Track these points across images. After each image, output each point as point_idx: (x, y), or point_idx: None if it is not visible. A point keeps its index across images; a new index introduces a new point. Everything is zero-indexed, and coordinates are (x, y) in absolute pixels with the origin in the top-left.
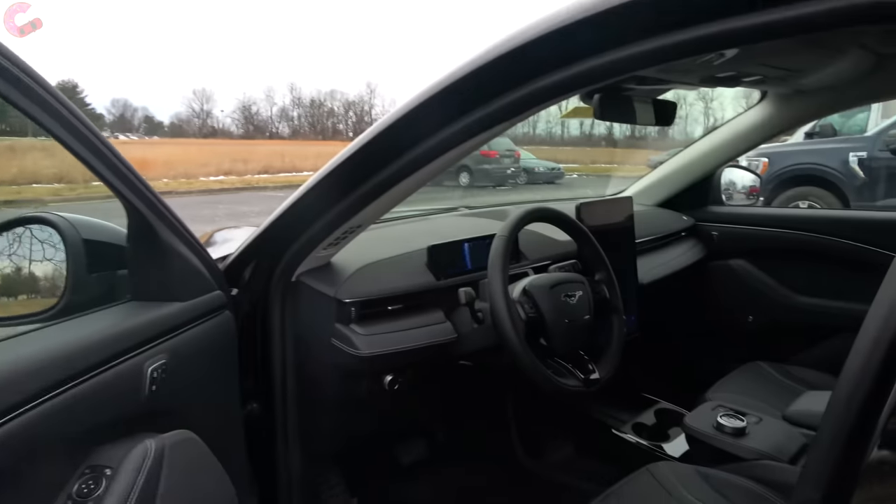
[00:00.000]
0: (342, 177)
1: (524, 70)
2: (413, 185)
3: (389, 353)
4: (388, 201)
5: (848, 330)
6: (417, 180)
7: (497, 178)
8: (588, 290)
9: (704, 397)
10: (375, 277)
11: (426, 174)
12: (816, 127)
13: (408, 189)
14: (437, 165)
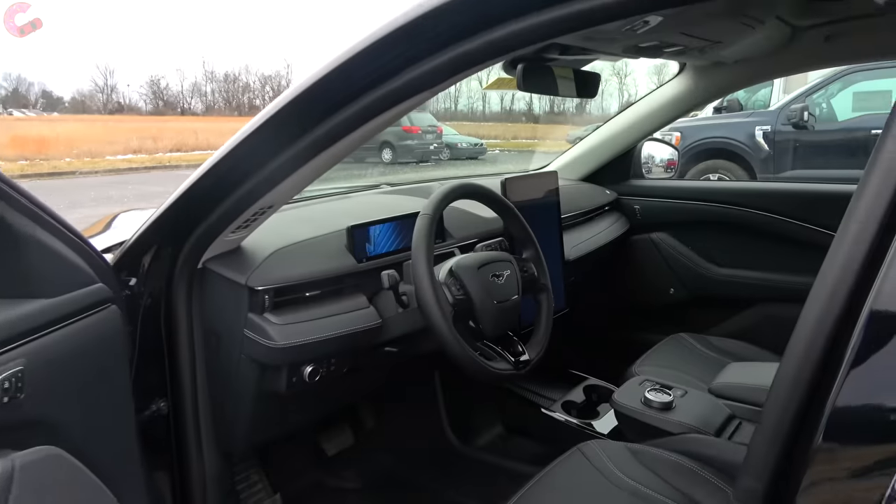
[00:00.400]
0: (249, 153)
1: (442, 35)
2: (328, 161)
3: (309, 342)
4: (301, 179)
5: (764, 300)
6: (333, 155)
7: (420, 153)
8: (516, 269)
9: (631, 371)
10: (291, 262)
11: (342, 149)
12: (724, 102)
13: (323, 165)
14: (355, 139)
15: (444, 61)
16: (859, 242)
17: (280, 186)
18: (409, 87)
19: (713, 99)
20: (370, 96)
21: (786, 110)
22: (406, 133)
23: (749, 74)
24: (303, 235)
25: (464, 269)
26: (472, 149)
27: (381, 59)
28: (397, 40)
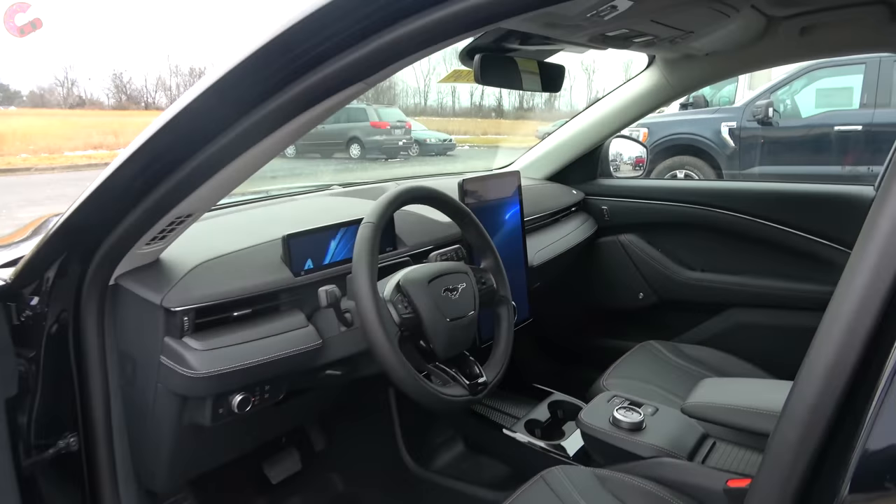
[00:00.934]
0: (158, 154)
1: (381, 13)
2: (253, 163)
3: (237, 369)
4: (223, 184)
5: (735, 305)
6: (258, 157)
7: (389, 149)
8: (472, 281)
9: (599, 385)
10: (216, 277)
11: (268, 149)
12: (690, 98)
13: (247, 168)
14: (282, 137)
15: (382, 44)
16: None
17: (198, 192)
18: (340, 77)
19: (684, 94)
20: (295, 88)
21: (751, 107)
22: (374, 129)
23: (721, 68)
24: (232, 246)
25: (412, 283)
26: (442, 144)
27: (306, 44)
28: (324, 23)
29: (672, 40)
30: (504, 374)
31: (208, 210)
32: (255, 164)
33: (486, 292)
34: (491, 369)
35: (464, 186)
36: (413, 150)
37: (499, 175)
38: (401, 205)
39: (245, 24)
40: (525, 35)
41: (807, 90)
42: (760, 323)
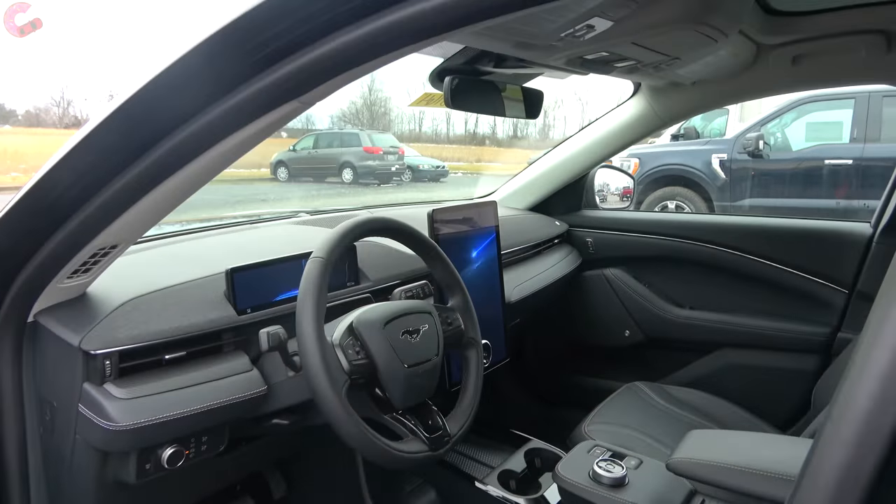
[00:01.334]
0: (71, 181)
1: (320, 19)
2: (183, 189)
3: (165, 420)
4: (148, 212)
5: (726, 345)
6: (190, 179)
7: (381, 175)
8: (437, 322)
9: (581, 432)
10: (146, 315)
11: (201, 171)
12: (681, 129)
13: (175, 195)
14: (213, 159)
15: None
16: None
17: (121, 221)
18: (271, 94)
19: (671, 123)
20: (221, 106)
21: (741, 139)
22: (367, 154)
23: (709, 97)
24: (171, 280)
25: (366, 325)
26: (435, 171)
27: (233, 55)
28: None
29: (657, 66)
30: (471, 425)
31: (135, 241)
32: (185, 191)
33: (452, 333)
34: (455, 420)
35: (434, 217)
36: (406, 176)
37: (473, 205)
38: (356, 238)
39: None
40: (499, 57)
41: (797, 123)
42: (752, 364)
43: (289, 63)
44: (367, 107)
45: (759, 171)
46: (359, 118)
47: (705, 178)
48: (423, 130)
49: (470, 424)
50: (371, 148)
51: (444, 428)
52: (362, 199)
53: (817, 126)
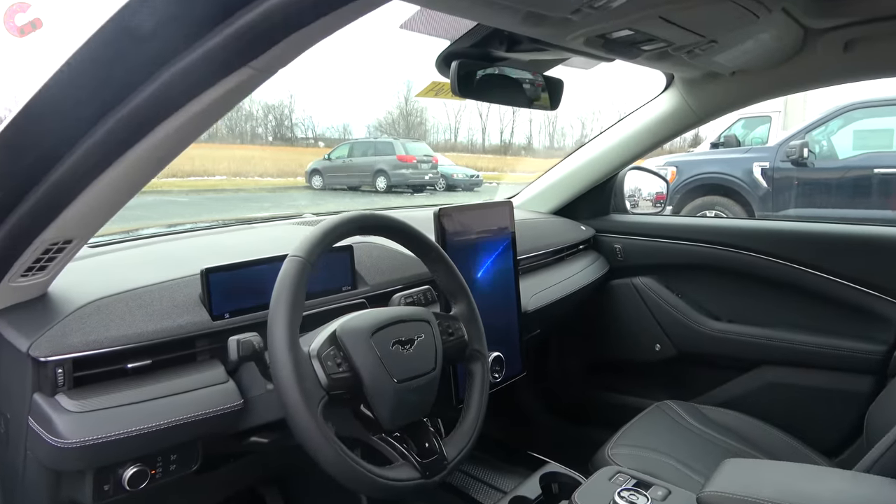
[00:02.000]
0: (10, 159)
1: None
2: (139, 171)
3: (123, 436)
4: (101, 199)
5: (767, 363)
6: (144, 162)
7: (415, 183)
8: (435, 332)
9: (604, 455)
10: (108, 319)
11: (154, 151)
12: (721, 137)
13: (131, 178)
14: (167, 135)
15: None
16: None
17: (70, 213)
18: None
19: (707, 119)
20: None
21: (784, 147)
22: (401, 162)
23: (749, 89)
24: (141, 281)
25: (351, 334)
26: (469, 180)
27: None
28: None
29: (690, 51)
30: (472, 448)
31: (91, 236)
32: (139, 177)
33: (454, 345)
34: (454, 443)
35: (441, 216)
36: (440, 185)
37: (486, 205)
38: (341, 236)
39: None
40: (512, 40)
41: (844, 131)
42: (795, 384)
43: (233, 22)
44: (404, 117)
45: (804, 179)
46: (395, 128)
47: (746, 187)
48: (459, 140)
49: (471, 448)
50: (405, 157)
51: (440, 452)
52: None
53: (865, 133)
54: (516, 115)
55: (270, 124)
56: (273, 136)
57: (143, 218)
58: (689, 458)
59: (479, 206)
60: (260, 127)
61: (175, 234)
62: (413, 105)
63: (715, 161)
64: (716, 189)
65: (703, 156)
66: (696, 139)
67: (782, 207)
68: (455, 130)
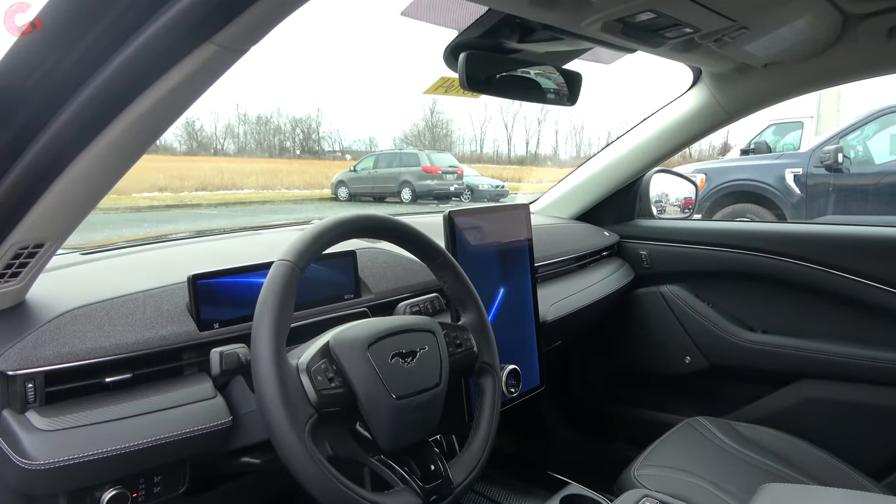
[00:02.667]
0: None
1: None
2: (109, 163)
3: (97, 457)
4: (70, 196)
5: (807, 377)
6: (113, 151)
7: (440, 194)
8: (439, 343)
9: (630, 477)
10: (84, 330)
11: (126, 138)
12: (751, 144)
13: (101, 170)
14: (135, 120)
15: None
16: None
17: (34, 214)
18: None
19: (738, 117)
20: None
21: (818, 152)
22: (426, 173)
23: (785, 83)
24: (124, 289)
25: (344, 345)
26: (494, 191)
27: None
28: None
29: (719, 38)
30: (481, 472)
31: (65, 238)
32: (109, 170)
33: (462, 357)
34: (462, 466)
35: (452, 220)
36: (466, 196)
37: (501, 208)
38: (335, 239)
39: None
40: (524, 29)
41: (880, 135)
42: (838, 399)
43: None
44: (429, 129)
45: (839, 186)
46: (420, 140)
47: (778, 194)
48: (484, 151)
49: (480, 471)
50: (430, 168)
51: (446, 475)
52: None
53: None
54: (542, 125)
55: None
56: (300, 150)
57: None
58: (723, 480)
59: (493, 209)
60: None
61: (175, 240)
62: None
63: (746, 168)
64: (747, 196)
65: (734, 162)
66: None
67: (816, 215)
68: (480, 142)
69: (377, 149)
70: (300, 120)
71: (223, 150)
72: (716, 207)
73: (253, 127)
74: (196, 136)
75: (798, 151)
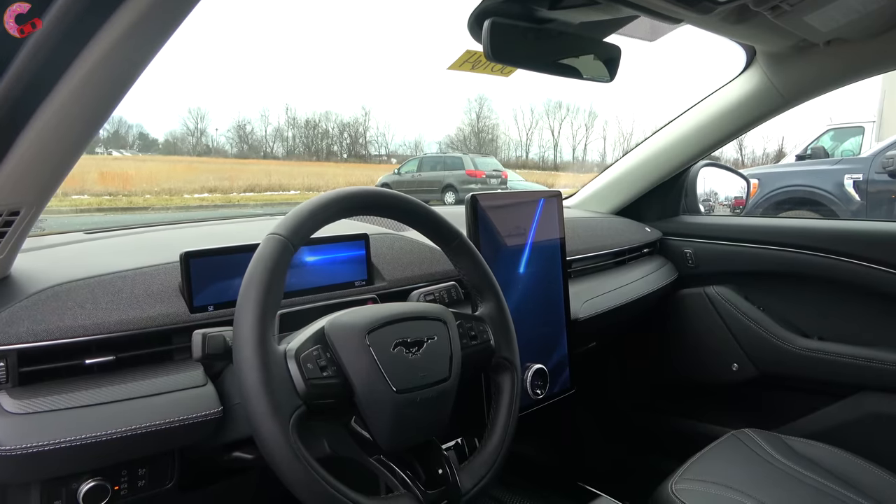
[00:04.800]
0: None
1: None
2: (73, 116)
3: (74, 444)
4: (38, 159)
5: (868, 388)
6: (73, 102)
7: None
8: (451, 334)
9: (667, 491)
10: (64, 307)
11: (84, 90)
12: (808, 150)
13: (67, 126)
14: (95, 70)
15: None
16: None
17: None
18: None
19: (796, 102)
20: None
21: (880, 157)
22: (469, 177)
23: (850, 64)
24: (117, 265)
25: (341, 331)
26: None
27: None
28: None
29: (776, 5)
30: (494, 478)
31: (43, 204)
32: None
33: (478, 350)
34: (472, 471)
35: (476, 202)
36: None
37: (530, 194)
38: (334, 215)
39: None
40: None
41: None
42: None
43: None
44: (475, 133)
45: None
46: (466, 144)
47: (836, 201)
48: (530, 157)
49: (493, 478)
50: (473, 171)
51: (453, 481)
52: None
53: None
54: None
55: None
56: (347, 154)
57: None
58: (771, 499)
59: (522, 194)
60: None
61: (186, 222)
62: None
63: (801, 173)
64: (802, 203)
65: (789, 168)
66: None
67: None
68: (526, 147)
69: (422, 152)
70: (348, 124)
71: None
72: (769, 214)
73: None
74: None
75: (858, 157)
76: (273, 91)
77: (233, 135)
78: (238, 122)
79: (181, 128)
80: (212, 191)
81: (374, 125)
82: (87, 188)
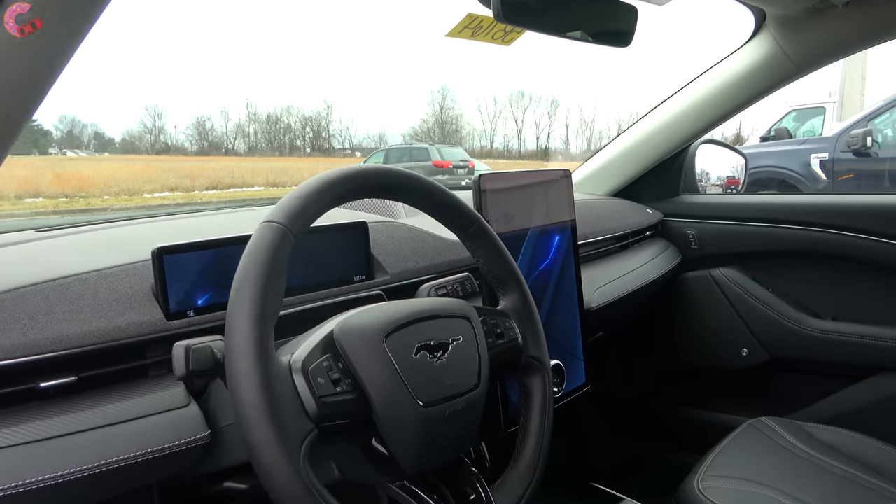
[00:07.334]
0: None
1: None
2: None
3: (30, 488)
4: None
5: (889, 369)
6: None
7: (452, 188)
8: (477, 333)
9: (693, 488)
10: (15, 318)
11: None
12: (771, 131)
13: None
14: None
15: None
16: None
17: None
18: None
19: (807, 70)
20: None
21: (845, 136)
22: (437, 168)
23: (863, 29)
24: (77, 267)
25: (354, 336)
26: None
27: None
28: None
29: None
30: (533, 494)
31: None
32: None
33: (505, 350)
34: (508, 490)
35: (483, 185)
36: None
37: (539, 174)
38: (338, 199)
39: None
40: None
41: None
42: None
43: None
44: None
45: (868, 171)
46: (430, 136)
47: (803, 181)
48: (495, 147)
49: (532, 495)
50: (440, 162)
51: (484, 500)
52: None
53: None
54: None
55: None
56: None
57: None
58: (801, 492)
59: (531, 174)
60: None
61: (151, 216)
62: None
63: (768, 154)
64: (770, 184)
65: (756, 149)
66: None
67: None
68: (491, 137)
69: (387, 145)
70: (310, 118)
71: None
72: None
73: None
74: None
75: (823, 136)
76: (233, 86)
77: (192, 132)
78: (197, 118)
79: (138, 126)
80: (173, 189)
81: (336, 118)
82: (42, 190)
